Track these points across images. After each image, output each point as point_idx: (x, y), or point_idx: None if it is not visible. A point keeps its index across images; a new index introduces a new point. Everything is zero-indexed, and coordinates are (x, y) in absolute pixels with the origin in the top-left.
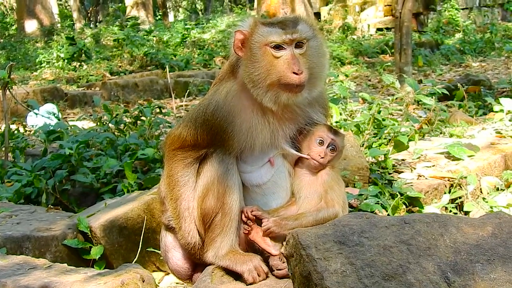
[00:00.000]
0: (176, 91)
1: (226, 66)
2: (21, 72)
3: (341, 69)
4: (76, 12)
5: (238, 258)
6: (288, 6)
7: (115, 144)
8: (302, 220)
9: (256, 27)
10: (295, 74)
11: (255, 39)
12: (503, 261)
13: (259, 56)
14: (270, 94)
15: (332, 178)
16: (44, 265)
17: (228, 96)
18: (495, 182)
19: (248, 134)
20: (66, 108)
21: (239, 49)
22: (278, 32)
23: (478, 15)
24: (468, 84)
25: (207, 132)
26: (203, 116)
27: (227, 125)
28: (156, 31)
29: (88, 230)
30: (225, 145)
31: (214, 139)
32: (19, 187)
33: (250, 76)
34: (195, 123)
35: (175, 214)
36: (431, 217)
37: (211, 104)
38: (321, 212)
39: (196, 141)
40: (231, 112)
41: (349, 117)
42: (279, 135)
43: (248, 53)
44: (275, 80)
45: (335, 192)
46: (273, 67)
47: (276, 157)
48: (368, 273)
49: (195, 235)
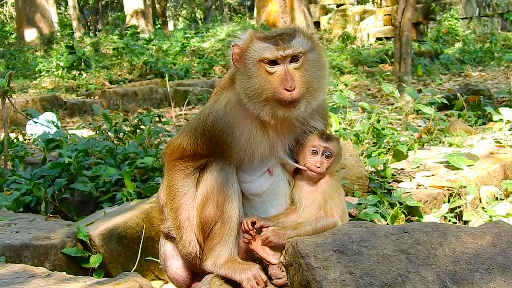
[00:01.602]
0: (176, 100)
1: (227, 76)
2: (20, 81)
3: (340, 78)
4: (76, 21)
5: (237, 267)
6: (287, 15)
7: (114, 153)
8: (301, 229)
9: (251, 42)
10: (287, 90)
11: (249, 54)
12: (502, 270)
13: (254, 72)
14: (266, 109)
15: (332, 187)
16: (43, 273)
17: (227, 107)
18: (494, 191)
19: (247, 146)
20: (66, 117)
21: (237, 61)
22: (271, 49)
23: (477, 24)
24: (468, 94)
25: (207, 142)
26: (203, 126)
27: (226, 136)
28: (156, 40)
29: (87, 238)
30: (225, 155)
31: (214, 149)
32: (18, 196)
33: (246, 91)
34: (195, 133)
35: (176, 224)
36: (430, 226)
37: (211, 114)
38: (320, 221)
39: (196, 151)
40: (230, 123)
41: (349, 126)
42: (278, 146)
43: (242, 68)
44: (269, 96)
45: (335, 202)
46: (267, 83)
47: (275, 166)
48: (367, 282)
49: (196, 244)
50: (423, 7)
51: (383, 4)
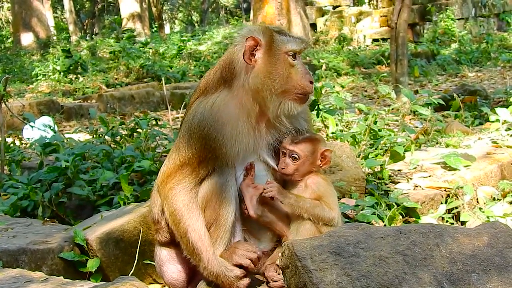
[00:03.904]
0: (173, 103)
1: (215, 78)
2: (17, 85)
3: (337, 80)
4: (72, 24)
5: (226, 255)
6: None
7: (111, 157)
8: (300, 201)
9: (273, 34)
10: (311, 83)
11: (275, 46)
12: (499, 271)
13: (278, 64)
14: (278, 102)
15: (321, 186)
16: (41, 278)
17: (214, 106)
18: (491, 192)
19: (235, 141)
20: (62, 121)
21: (251, 56)
22: (297, 42)
23: (474, 25)
24: (464, 94)
25: (198, 146)
26: (189, 131)
27: (216, 133)
28: (152, 43)
29: (85, 242)
30: (219, 155)
31: (207, 151)
32: (15, 200)
33: (265, 83)
34: (185, 141)
35: (190, 249)
36: (427, 228)
37: (195, 117)
38: (317, 208)
39: (190, 161)
40: (219, 120)
41: (345, 128)
42: (262, 143)
43: (264, 60)
44: (289, 88)
45: (330, 199)
46: (289, 75)
47: (256, 163)
48: (364, 284)
49: (216, 263)
50: (419, 8)
51: (379, 6)
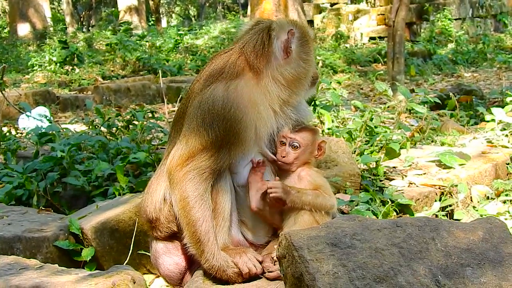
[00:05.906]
0: (169, 96)
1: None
2: (13, 75)
3: (333, 77)
4: (69, 16)
5: (232, 252)
6: (281, 14)
7: (107, 148)
8: (302, 195)
9: (305, 27)
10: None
11: (308, 38)
12: (493, 265)
13: (310, 54)
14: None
15: (317, 176)
16: (35, 265)
17: (238, 89)
18: (485, 191)
19: (260, 126)
20: (58, 112)
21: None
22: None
23: (471, 25)
24: (460, 94)
25: (222, 128)
26: (210, 115)
27: (242, 115)
28: (149, 36)
29: (80, 232)
30: (242, 139)
31: (231, 135)
32: (10, 189)
33: (301, 72)
34: (207, 125)
35: (194, 238)
36: (422, 221)
37: (216, 100)
38: (319, 197)
39: (211, 144)
40: (243, 103)
41: (341, 124)
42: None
43: (298, 51)
44: (313, 76)
45: (327, 187)
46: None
47: (256, 157)
48: (360, 275)
49: (220, 257)
50: (416, 7)
51: (377, 4)
